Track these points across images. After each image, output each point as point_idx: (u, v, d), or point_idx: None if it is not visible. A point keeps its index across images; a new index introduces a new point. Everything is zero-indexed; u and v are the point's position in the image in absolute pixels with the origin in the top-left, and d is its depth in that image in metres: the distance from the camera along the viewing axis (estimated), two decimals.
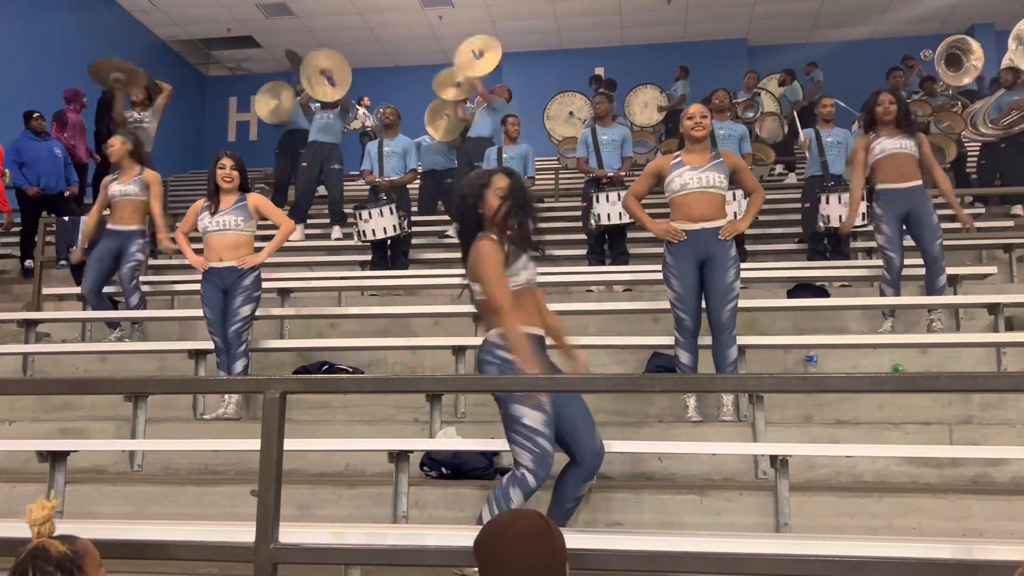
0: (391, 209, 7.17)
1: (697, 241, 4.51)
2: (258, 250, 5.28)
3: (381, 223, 7.15)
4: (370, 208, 7.19)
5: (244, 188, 5.26)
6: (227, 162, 5.20)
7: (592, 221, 6.93)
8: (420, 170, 8.62)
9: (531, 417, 3.09)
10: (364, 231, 7.20)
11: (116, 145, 6.20)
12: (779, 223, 8.20)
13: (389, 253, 7.55)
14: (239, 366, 5.06)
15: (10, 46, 12.04)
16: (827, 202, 6.66)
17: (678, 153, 4.68)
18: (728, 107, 7.52)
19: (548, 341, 3.35)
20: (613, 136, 7.32)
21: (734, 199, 6.34)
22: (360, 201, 7.85)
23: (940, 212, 5.81)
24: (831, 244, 7.05)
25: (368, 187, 8.35)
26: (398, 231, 7.22)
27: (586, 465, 3.30)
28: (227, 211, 5.15)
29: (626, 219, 6.85)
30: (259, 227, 5.43)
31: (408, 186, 8.10)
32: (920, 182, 5.56)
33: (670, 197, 4.63)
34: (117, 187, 6.15)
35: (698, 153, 4.59)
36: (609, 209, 6.84)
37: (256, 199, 5.26)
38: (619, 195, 6.82)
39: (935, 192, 5.91)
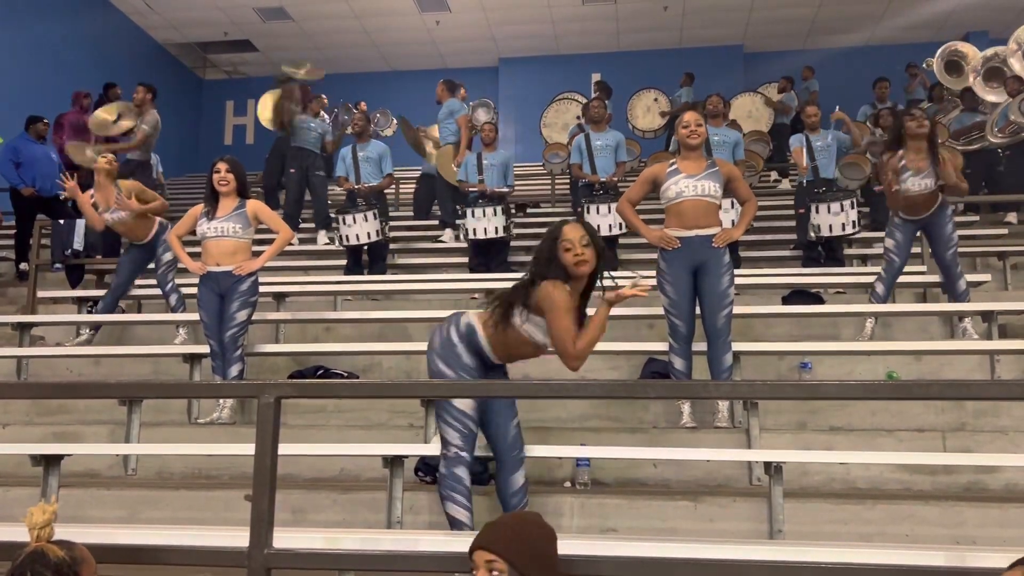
0: (374, 215, 7.17)
1: (691, 248, 4.53)
2: (256, 255, 5.28)
3: (365, 228, 7.15)
4: (353, 213, 7.18)
5: (243, 194, 5.24)
6: (222, 166, 5.18)
7: None
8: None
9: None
10: (346, 236, 7.20)
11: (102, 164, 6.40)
12: (774, 230, 8.23)
13: (366, 258, 7.55)
14: (234, 371, 5.06)
15: (6, 49, 12.04)
16: (817, 212, 6.68)
17: (674, 161, 4.70)
18: (722, 112, 7.55)
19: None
20: (607, 141, 7.32)
21: (732, 206, 6.37)
22: (339, 206, 7.82)
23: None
24: (825, 251, 7.08)
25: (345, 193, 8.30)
26: (379, 237, 7.21)
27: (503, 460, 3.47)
28: (225, 218, 5.13)
29: (616, 231, 6.86)
30: (257, 231, 5.43)
31: (386, 191, 8.04)
32: (940, 201, 5.61)
33: (666, 205, 4.65)
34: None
35: (694, 161, 4.62)
36: (599, 220, 6.84)
37: (255, 205, 5.23)
38: (609, 207, 6.84)
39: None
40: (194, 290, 5.34)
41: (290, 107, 9.12)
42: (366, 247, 7.38)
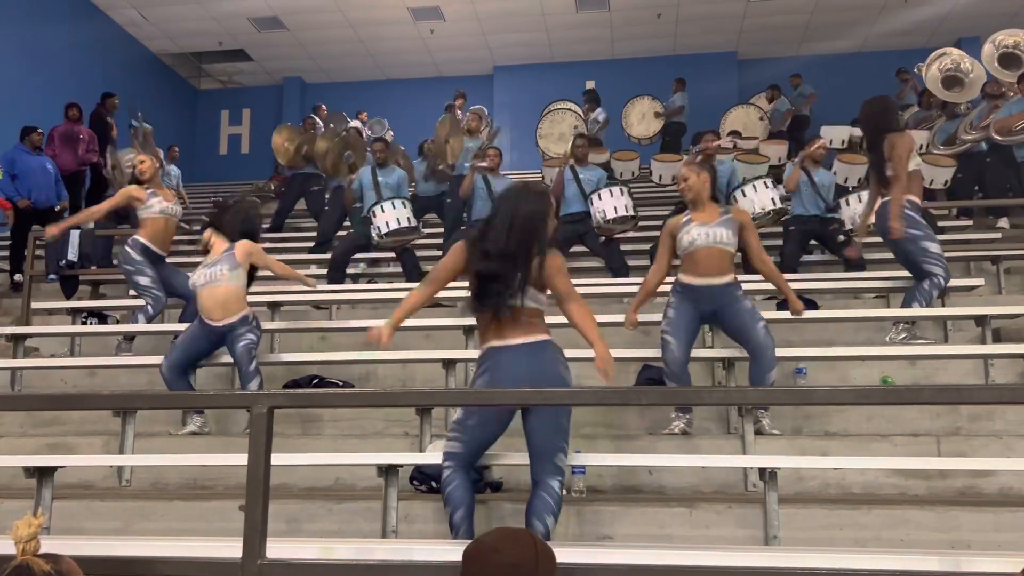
0: (403, 203, 7.35)
1: (702, 296, 4.51)
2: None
3: (395, 215, 7.29)
4: (383, 203, 7.33)
5: (234, 237, 5.12)
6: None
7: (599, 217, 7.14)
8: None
9: None
10: (380, 225, 7.28)
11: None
12: (766, 235, 8.22)
13: (401, 267, 7.67)
14: (254, 386, 4.97)
15: (2, 59, 12.04)
16: (847, 204, 6.73)
17: (688, 214, 4.68)
18: (717, 149, 7.63)
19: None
20: (589, 176, 7.50)
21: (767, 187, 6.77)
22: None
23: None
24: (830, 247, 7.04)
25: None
26: (411, 223, 7.34)
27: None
28: (213, 263, 5.03)
29: (630, 211, 7.08)
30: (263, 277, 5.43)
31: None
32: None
33: (681, 254, 4.63)
34: None
35: (706, 211, 4.61)
36: (614, 203, 7.03)
37: (247, 247, 5.09)
38: (621, 190, 7.17)
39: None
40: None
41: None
42: (398, 252, 7.56)
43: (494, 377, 3.28)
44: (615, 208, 7.06)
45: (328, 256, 8.03)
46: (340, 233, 8.86)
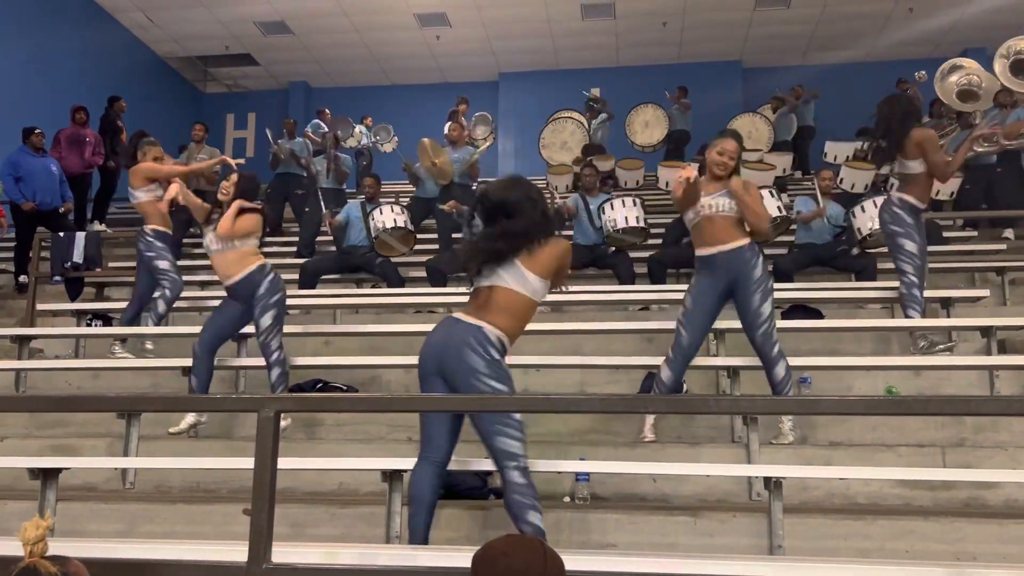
0: (399, 208, 7.52)
1: (717, 265, 4.49)
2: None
3: (403, 216, 7.43)
4: (381, 206, 7.46)
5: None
6: (228, 179, 5.27)
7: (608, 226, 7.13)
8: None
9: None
10: (380, 223, 7.35)
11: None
12: (772, 243, 8.23)
13: (382, 277, 7.62)
14: (274, 375, 5.08)
15: (7, 62, 12.07)
16: (863, 211, 6.69)
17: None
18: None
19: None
20: (597, 208, 7.47)
21: (772, 195, 6.75)
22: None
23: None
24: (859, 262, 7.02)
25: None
26: (406, 225, 7.42)
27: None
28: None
29: (642, 223, 7.04)
30: (265, 242, 5.44)
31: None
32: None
33: (690, 226, 4.62)
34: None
35: (713, 185, 4.59)
36: (626, 213, 6.98)
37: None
38: (635, 201, 7.14)
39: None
40: (192, 303, 5.33)
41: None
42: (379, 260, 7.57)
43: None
44: (626, 219, 6.96)
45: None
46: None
